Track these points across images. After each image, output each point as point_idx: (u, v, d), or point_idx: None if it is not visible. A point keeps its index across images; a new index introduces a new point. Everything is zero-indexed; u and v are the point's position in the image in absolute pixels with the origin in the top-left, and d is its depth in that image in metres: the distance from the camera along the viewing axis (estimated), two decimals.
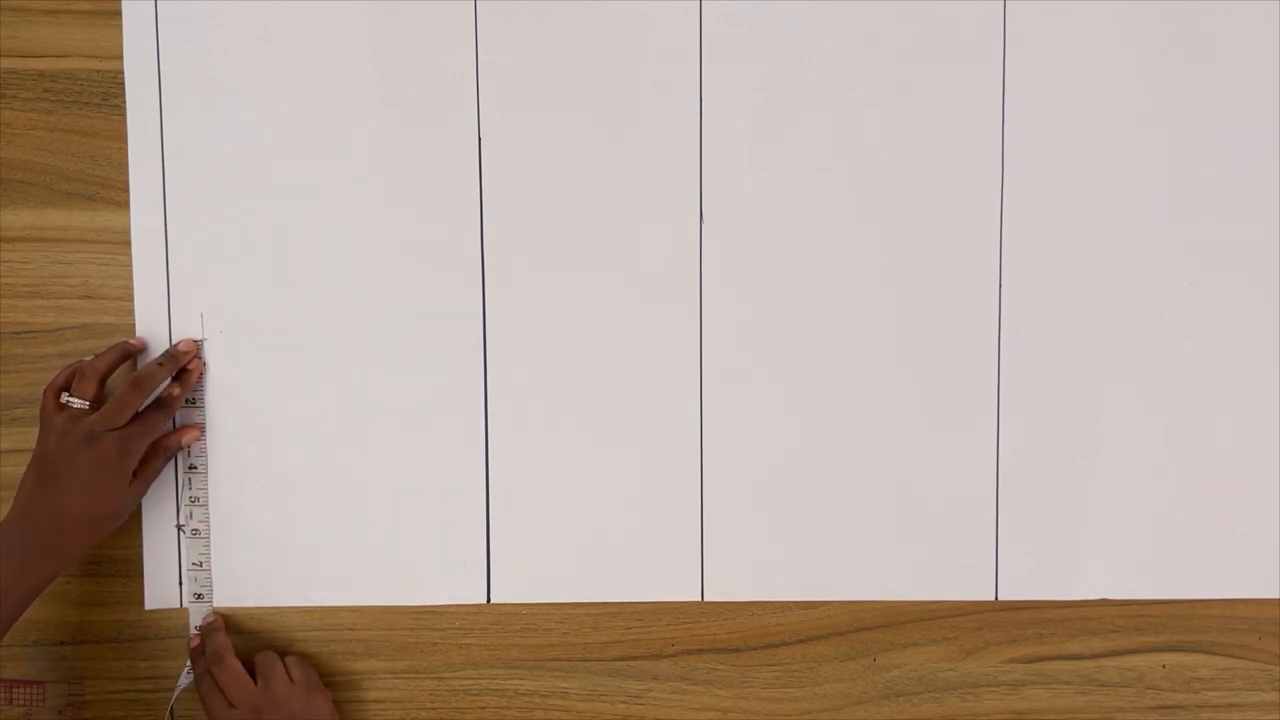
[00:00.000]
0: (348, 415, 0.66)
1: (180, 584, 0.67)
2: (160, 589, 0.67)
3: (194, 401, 0.66)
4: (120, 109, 0.66)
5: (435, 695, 0.68)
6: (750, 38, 0.66)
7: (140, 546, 0.67)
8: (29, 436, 0.65)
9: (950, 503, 0.67)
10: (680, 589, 0.68)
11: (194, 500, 0.66)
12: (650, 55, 0.66)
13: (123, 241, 0.66)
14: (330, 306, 0.66)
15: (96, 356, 0.63)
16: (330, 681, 0.68)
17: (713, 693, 0.69)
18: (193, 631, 0.67)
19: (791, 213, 0.66)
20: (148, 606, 0.67)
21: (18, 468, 0.66)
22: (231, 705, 0.62)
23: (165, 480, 0.66)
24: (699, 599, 0.68)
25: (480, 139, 0.66)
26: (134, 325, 0.66)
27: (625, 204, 0.66)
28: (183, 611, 0.67)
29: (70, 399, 0.62)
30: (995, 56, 0.66)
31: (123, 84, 0.66)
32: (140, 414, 0.63)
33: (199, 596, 0.67)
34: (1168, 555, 0.68)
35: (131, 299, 0.66)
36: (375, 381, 0.66)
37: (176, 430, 0.65)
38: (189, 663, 0.66)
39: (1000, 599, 0.68)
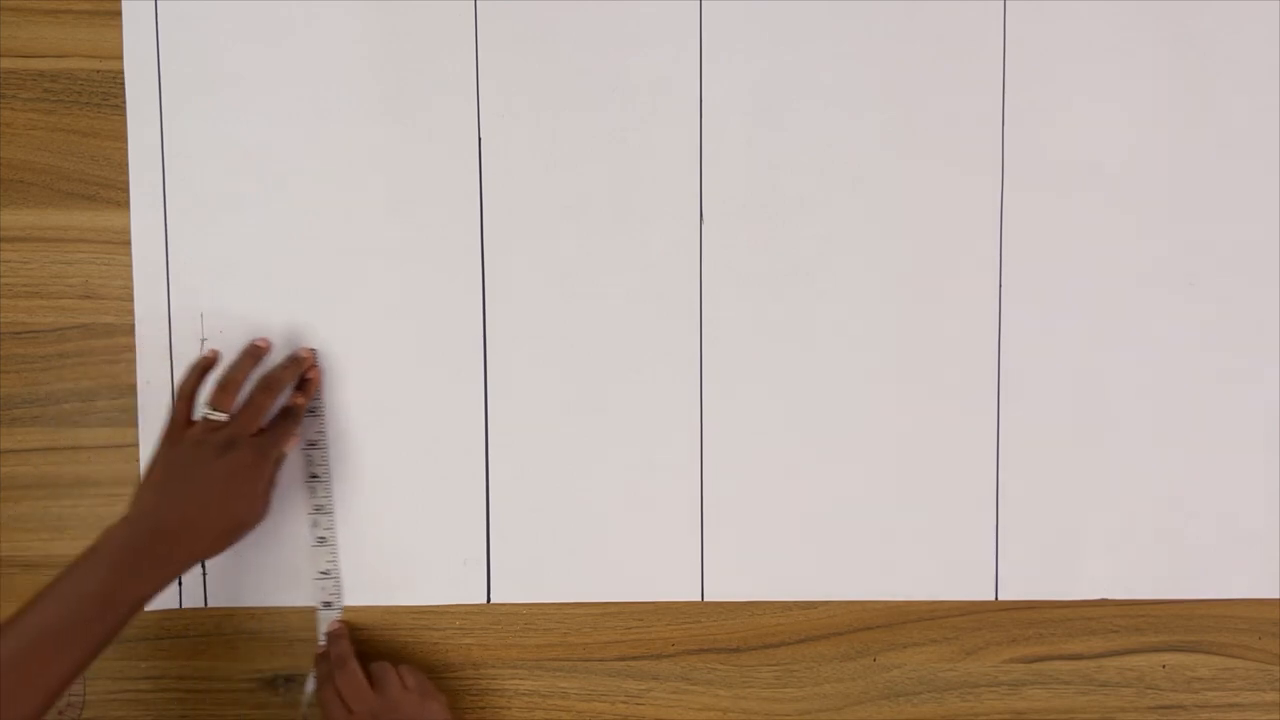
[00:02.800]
0: (347, 415, 0.66)
1: (180, 584, 0.67)
2: None
3: (314, 411, 0.66)
4: (120, 109, 0.66)
5: None
6: (750, 37, 0.66)
7: None
8: (29, 436, 0.66)
9: (950, 503, 0.67)
10: (680, 589, 0.68)
11: (319, 509, 0.66)
12: (650, 55, 0.66)
13: (123, 241, 0.66)
14: (330, 307, 0.66)
15: (233, 365, 0.63)
16: None
17: (713, 693, 0.69)
18: (320, 638, 0.67)
19: (791, 213, 0.66)
20: (147, 606, 0.67)
21: (17, 468, 0.66)
22: (350, 711, 0.62)
23: None
24: (699, 599, 0.68)
25: (480, 139, 0.66)
26: (134, 325, 0.66)
27: (625, 204, 0.66)
28: (182, 612, 0.67)
29: (211, 413, 0.61)
30: (995, 56, 0.66)
31: (123, 84, 0.66)
32: (269, 423, 0.63)
33: (328, 604, 0.67)
34: (1168, 555, 0.68)
35: (131, 299, 0.66)
36: (375, 381, 0.66)
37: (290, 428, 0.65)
38: (314, 668, 0.66)
39: (1000, 599, 0.68)
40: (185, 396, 0.63)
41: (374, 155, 0.66)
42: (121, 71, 0.66)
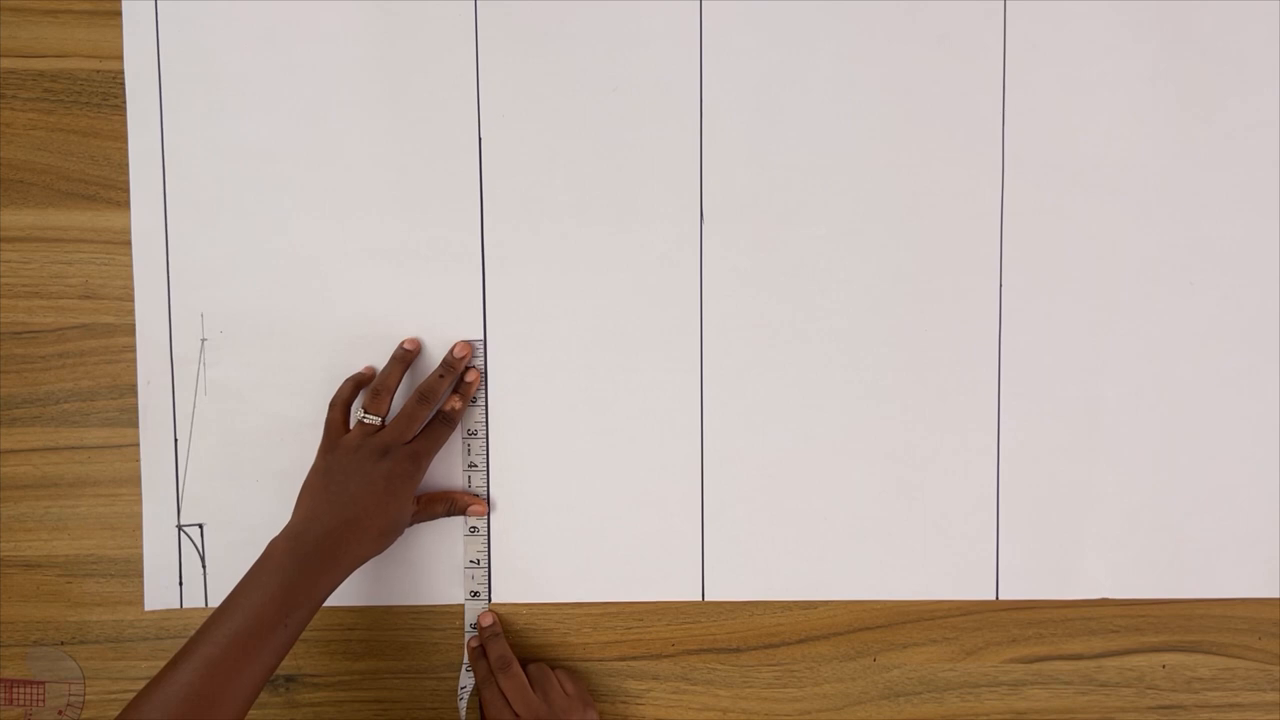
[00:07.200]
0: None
1: (180, 584, 0.67)
2: (160, 589, 0.67)
3: (475, 401, 0.66)
4: (120, 109, 0.66)
5: (435, 695, 0.68)
6: (750, 38, 0.66)
7: (140, 546, 0.67)
8: (29, 436, 0.65)
9: (950, 502, 0.67)
10: (680, 589, 0.68)
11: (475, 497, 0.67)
12: (650, 55, 0.66)
13: (123, 241, 0.66)
14: (330, 307, 0.66)
15: (385, 372, 0.64)
16: (330, 681, 0.68)
17: (713, 693, 0.69)
18: (468, 629, 0.67)
19: (792, 213, 0.66)
20: (147, 607, 0.67)
21: (17, 468, 0.66)
22: (516, 714, 0.63)
23: (167, 477, 0.66)
24: (699, 599, 0.68)
25: (480, 139, 0.66)
26: (134, 325, 0.66)
27: (625, 204, 0.66)
28: (182, 612, 0.67)
29: (366, 416, 0.62)
30: (995, 56, 0.66)
31: (123, 84, 0.66)
32: (425, 428, 0.64)
33: (475, 594, 0.67)
34: (1168, 555, 0.68)
35: (131, 299, 0.66)
36: None
37: (472, 500, 0.66)
38: (466, 661, 0.67)
39: (1000, 599, 0.68)
40: (339, 405, 0.64)
41: (374, 155, 0.66)
42: (121, 71, 0.66)
